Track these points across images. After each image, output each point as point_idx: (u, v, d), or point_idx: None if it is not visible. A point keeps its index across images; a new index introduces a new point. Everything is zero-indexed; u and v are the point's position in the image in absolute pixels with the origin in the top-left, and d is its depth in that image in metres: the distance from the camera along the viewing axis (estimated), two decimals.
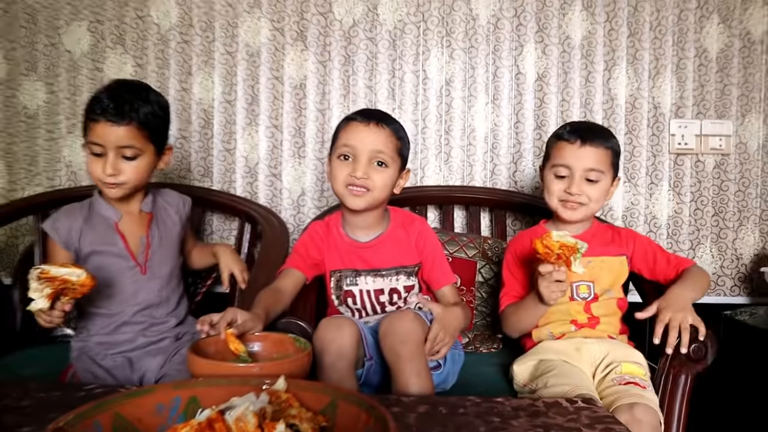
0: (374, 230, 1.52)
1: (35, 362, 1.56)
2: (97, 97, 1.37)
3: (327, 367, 1.24)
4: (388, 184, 1.46)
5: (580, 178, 1.48)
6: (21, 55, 2.05)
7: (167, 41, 2.04)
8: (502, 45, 2.04)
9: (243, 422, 0.61)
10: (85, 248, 1.44)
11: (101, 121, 1.35)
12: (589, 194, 1.49)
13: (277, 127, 2.05)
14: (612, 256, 1.54)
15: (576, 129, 1.52)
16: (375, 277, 1.50)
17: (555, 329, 1.50)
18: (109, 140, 1.36)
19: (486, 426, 0.85)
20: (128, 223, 1.48)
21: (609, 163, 1.50)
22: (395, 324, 1.27)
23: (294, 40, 2.04)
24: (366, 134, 1.43)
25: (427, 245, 1.53)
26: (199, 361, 0.93)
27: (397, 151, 1.46)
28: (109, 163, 1.37)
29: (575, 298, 1.51)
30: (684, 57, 2.03)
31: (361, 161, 1.42)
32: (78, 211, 1.48)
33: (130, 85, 1.44)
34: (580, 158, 1.48)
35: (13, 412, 0.86)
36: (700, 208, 2.06)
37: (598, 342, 1.45)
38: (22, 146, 2.07)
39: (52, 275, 1.20)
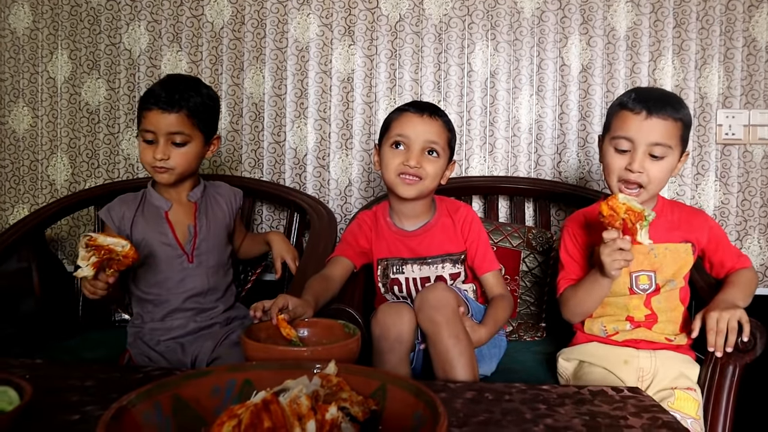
0: (421, 219, 1.55)
1: (96, 346, 1.63)
2: (151, 90, 1.45)
3: (385, 351, 1.27)
4: (439, 173, 1.48)
5: (644, 154, 1.32)
6: (84, 55, 2.16)
7: (220, 38, 2.11)
8: (546, 37, 2.05)
9: (297, 404, 0.61)
10: (136, 236, 1.50)
11: (154, 109, 1.43)
12: (652, 173, 1.33)
13: (325, 119, 2.11)
14: (676, 243, 1.40)
15: (642, 97, 1.34)
16: (421, 265, 1.52)
17: (608, 324, 1.41)
18: (160, 127, 1.43)
19: (532, 413, 0.85)
20: (177, 212, 1.54)
21: (678, 136, 1.34)
22: (428, 295, 1.30)
23: (342, 35, 2.09)
24: (420, 124, 1.46)
25: (472, 232, 1.55)
26: (253, 345, 0.95)
27: (447, 143, 1.49)
28: (160, 149, 1.44)
29: (635, 290, 1.40)
30: (732, 47, 2.01)
31: (415, 150, 1.45)
32: (132, 201, 1.55)
33: (182, 78, 1.53)
34: (644, 131, 1.32)
35: (78, 392, 0.89)
36: (747, 198, 2.03)
37: (650, 355, 1.36)
38: (84, 141, 2.17)
39: (99, 243, 1.24)
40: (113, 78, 2.15)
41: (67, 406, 0.83)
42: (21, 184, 2.19)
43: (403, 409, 0.67)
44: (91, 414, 0.80)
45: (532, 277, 1.79)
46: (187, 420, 0.65)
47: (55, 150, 2.18)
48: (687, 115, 1.37)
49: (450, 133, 1.51)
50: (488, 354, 1.46)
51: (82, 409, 0.82)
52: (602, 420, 0.83)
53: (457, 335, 1.26)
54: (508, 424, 0.81)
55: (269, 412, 0.59)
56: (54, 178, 2.18)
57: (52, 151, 2.18)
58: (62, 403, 0.84)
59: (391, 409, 0.69)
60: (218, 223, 1.59)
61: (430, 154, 1.46)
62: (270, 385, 0.68)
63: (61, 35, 2.16)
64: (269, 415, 0.58)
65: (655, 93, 1.39)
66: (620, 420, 0.83)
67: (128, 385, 0.92)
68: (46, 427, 0.76)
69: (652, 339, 1.38)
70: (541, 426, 0.81)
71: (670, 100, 1.36)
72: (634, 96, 1.36)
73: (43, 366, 1.01)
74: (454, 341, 1.25)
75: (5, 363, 1.04)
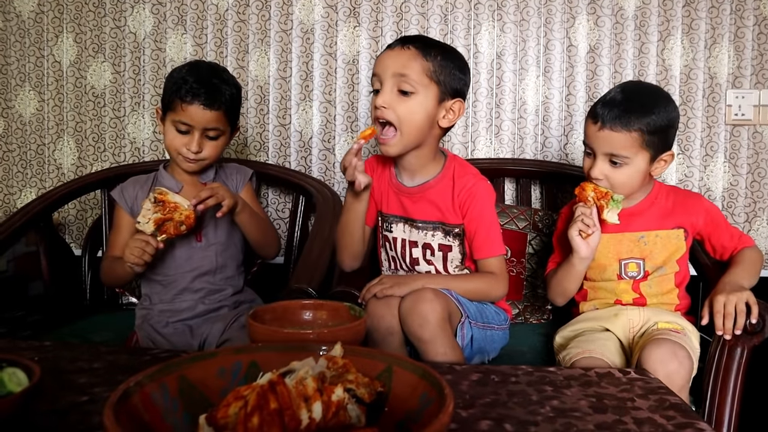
0: (421, 175, 1.41)
1: (103, 328, 1.64)
2: (185, 79, 1.44)
3: (378, 342, 1.24)
4: (418, 113, 1.29)
5: (603, 161, 1.35)
6: (89, 38, 2.15)
7: (225, 21, 2.10)
8: (553, 17, 2.03)
9: (303, 385, 0.61)
10: None
11: (194, 104, 1.43)
12: (613, 179, 1.35)
13: (330, 102, 2.10)
14: (668, 230, 1.42)
15: (607, 103, 1.35)
16: (411, 227, 1.42)
17: (601, 305, 1.46)
18: (199, 122, 1.45)
19: (538, 395, 0.85)
20: (187, 193, 1.52)
21: (638, 146, 1.32)
22: (413, 307, 1.21)
23: (347, 17, 2.07)
24: (388, 56, 1.30)
25: (473, 207, 1.37)
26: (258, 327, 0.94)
27: (426, 74, 1.28)
28: (195, 142, 1.46)
29: (623, 276, 1.43)
30: (742, 25, 1.98)
31: (385, 88, 1.28)
32: (144, 182, 1.57)
33: (215, 70, 1.52)
34: (599, 141, 1.34)
35: (86, 374, 0.90)
36: (757, 180, 2.01)
37: (640, 309, 1.39)
38: (90, 124, 2.17)
39: (168, 199, 1.28)
40: (118, 61, 2.15)
41: (75, 388, 0.84)
42: (28, 168, 2.20)
43: (410, 391, 0.67)
44: (99, 395, 0.81)
45: (538, 260, 1.78)
46: (194, 401, 0.66)
47: (61, 134, 2.18)
48: (654, 120, 1.32)
49: (431, 62, 1.28)
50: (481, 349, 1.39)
51: (90, 390, 0.83)
52: (609, 402, 0.83)
53: (444, 352, 1.20)
54: (514, 406, 0.81)
55: (275, 393, 0.59)
56: (61, 162, 2.19)
57: (59, 134, 2.18)
58: (70, 385, 0.85)
59: (397, 390, 0.68)
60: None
61: (403, 95, 1.28)
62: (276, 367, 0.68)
63: (66, 19, 2.15)
64: (275, 396, 0.58)
65: (623, 97, 1.35)
66: (627, 402, 0.83)
67: (135, 366, 0.93)
68: (54, 408, 0.77)
69: None
70: (547, 408, 0.81)
71: (633, 108, 1.32)
72: (604, 99, 1.37)
73: (51, 348, 1.02)
74: (441, 358, 1.20)
75: (14, 345, 1.05)
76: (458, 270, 1.43)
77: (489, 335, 1.38)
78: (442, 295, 1.25)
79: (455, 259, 1.43)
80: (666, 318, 1.36)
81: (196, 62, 1.55)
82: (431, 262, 1.43)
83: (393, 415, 0.67)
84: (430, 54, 1.30)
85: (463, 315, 1.31)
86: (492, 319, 1.40)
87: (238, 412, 0.59)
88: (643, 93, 1.40)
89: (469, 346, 1.31)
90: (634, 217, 1.42)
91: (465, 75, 1.37)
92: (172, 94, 1.45)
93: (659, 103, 1.35)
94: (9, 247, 1.67)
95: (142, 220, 1.29)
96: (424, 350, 1.22)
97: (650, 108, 1.33)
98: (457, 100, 1.35)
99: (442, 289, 1.28)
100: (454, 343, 1.25)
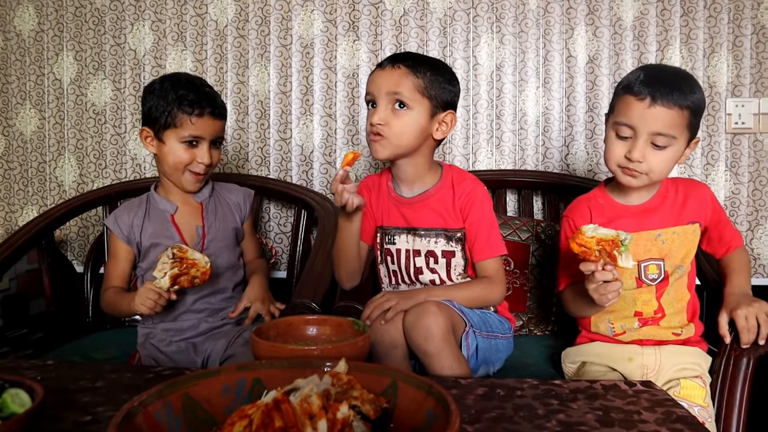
0: (420, 186, 1.44)
1: (106, 345, 1.62)
2: (183, 94, 1.44)
3: (381, 356, 1.23)
4: (411, 128, 1.34)
5: (645, 143, 1.25)
6: (90, 56, 2.16)
7: (225, 36, 2.11)
8: (552, 29, 2.04)
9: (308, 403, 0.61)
10: (145, 242, 1.51)
11: (204, 115, 1.45)
12: (653, 163, 1.26)
13: (331, 116, 2.10)
14: (684, 225, 1.34)
15: (650, 79, 1.25)
16: (414, 236, 1.43)
17: (616, 322, 1.37)
18: (210, 132, 1.47)
19: (544, 408, 0.84)
20: (183, 214, 1.54)
21: (684, 125, 1.25)
22: (417, 320, 1.21)
23: (346, 31, 2.08)
24: (380, 77, 1.36)
25: (473, 210, 1.39)
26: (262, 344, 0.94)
27: (418, 90, 1.33)
28: (206, 153, 1.48)
29: (644, 280, 1.34)
30: (740, 34, 1.99)
31: (380, 106, 1.34)
32: (137, 206, 1.55)
33: (198, 79, 1.54)
34: (647, 120, 1.23)
35: (89, 393, 0.89)
36: (758, 188, 2.01)
37: (655, 351, 1.33)
38: (91, 141, 2.18)
39: (187, 256, 1.27)
40: (119, 78, 2.15)
41: (78, 407, 0.83)
42: (29, 185, 2.20)
43: (415, 407, 0.66)
44: (103, 415, 0.80)
45: (542, 270, 1.78)
46: (198, 420, 0.65)
47: (62, 151, 2.18)
48: (698, 100, 1.26)
49: (421, 79, 1.33)
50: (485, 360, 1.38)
51: (93, 410, 0.83)
52: (615, 415, 0.82)
53: (450, 365, 1.20)
54: (520, 420, 0.80)
55: (280, 411, 0.59)
56: (62, 180, 2.19)
57: (60, 152, 2.19)
58: (73, 405, 0.84)
59: (402, 406, 0.68)
60: (227, 223, 1.58)
61: (401, 107, 1.33)
62: (280, 384, 0.68)
63: (66, 36, 2.16)
64: (280, 414, 0.58)
65: (665, 75, 1.28)
66: (634, 415, 0.82)
67: (139, 385, 0.92)
68: (58, 428, 0.76)
69: (660, 337, 1.35)
70: (553, 422, 0.80)
71: (680, 84, 1.25)
72: (641, 77, 1.26)
73: (53, 367, 1.01)
74: (448, 371, 1.19)
75: (17, 365, 1.05)
76: (461, 278, 1.43)
77: (494, 344, 1.37)
78: (446, 308, 1.25)
79: (458, 266, 1.43)
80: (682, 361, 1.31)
81: (177, 75, 1.53)
82: (435, 271, 1.43)
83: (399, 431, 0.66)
84: (419, 71, 1.35)
85: (467, 325, 1.30)
86: (496, 328, 1.39)
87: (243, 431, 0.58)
88: (679, 72, 1.34)
89: (474, 356, 1.30)
90: (649, 214, 1.35)
91: (455, 87, 1.41)
92: (172, 110, 1.44)
93: (696, 83, 1.30)
94: (11, 265, 1.67)
95: (158, 274, 1.27)
96: (429, 364, 1.21)
97: (694, 87, 1.27)
98: (449, 112, 1.39)
99: (444, 300, 1.28)
100: (459, 355, 1.24)
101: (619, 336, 1.37)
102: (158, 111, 1.45)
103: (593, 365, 1.37)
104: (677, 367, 1.30)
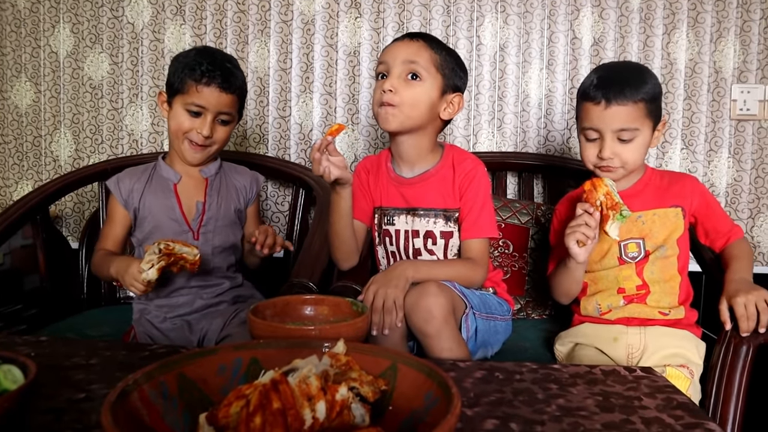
0: (420, 166, 1.44)
1: (100, 322, 1.61)
2: (199, 61, 1.42)
3: (379, 337, 1.22)
4: (422, 100, 1.35)
5: (612, 140, 1.34)
6: (86, 29, 2.12)
7: (224, 11, 2.07)
8: (557, 9, 2.00)
9: (306, 384, 0.60)
10: (143, 209, 1.49)
11: (211, 86, 1.42)
12: (625, 156, 1.35)
13: (330, 94, 2.07)
14: (665, 208, 1.40)
15: (601, 83, 1.34)
16: (413, 217, 1.42)
17: (602, 301, 1.41)
18: (214, 104, 1.43)
19: (544, 393, 0.83)
20: (186, 186, 1.51)
21: (644, 115, 1.34)
22: (418, 301, 1.21)
23: (348, 8, 2.05)
24: (397, 48, 1.37)
25: (470, 189, 1.40)
26: (259, 323, 0.93)
27: (433, 64, 1.35)
28: (207, 125, 1.44)
29: (624, 258, 1.39)
30: (749, 19, 1.96)
31: (393, 74, 1.34)
32: (141, 173, 1.53)
33: (225, 55, 1.50)
34: (607, 120, 1.33)
35: (83, 370, 0.88)
36: (761, 176, 2.00)
37: (640, 331, 1.35)
38: (87, 116, 2.15)
39: (175, 252, 1.24)
40: (116, 52, 2.12)
41: (72, 385, 0.82)
42: (24, 160, 2.17)
43: (414, 390, 0.65)
44: (97, 392, 0.79)
45: (540, 255, 1.77)
46: (194, 400, 0.64)
47: (58, 125, 2.16)
48: (650, 89, 1.34)
49: (437, 54, 1.36)
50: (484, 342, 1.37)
51: (87, 387, 0.81)
52: (616, 401, 0.81)
53: (450, 347, 1.20)
54: (520, 405, 0.79)
55: (278, 392, 0.57)
56: (57, 154, 2.16)
57: (56, 126, 2.16)
58: (67, 382, 0.83)
59: (401, 389, 0.67)
60: (230, 203, 1.56)
61: (413, 78, 1.34)
62: (277, 364, 0.66)
63: (62, 8, 2.12)
64: (278, 395, 0.57)
65: (614, 74, 1.38)
66: (634, 401, 0.82)
67: (133, 363, 0.91)
68: (51, 406, 0.75)
69: (646, 315, 1.37)
70: (553, 406, 0.79)
71: (629, 80, 1.34)
72: (594, 82, 1.35)
73: (47, 343, 1.00)
74: (447, 354, 1.19)
75: (10, 341, 1.03)
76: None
77: (492, 326, 1.38)
78: (447, 289, 1.24)
79: (455, 246, 1.42)
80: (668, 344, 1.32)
81: (205, 47, 1.52)
82: (433, 252, 1.43)
83: (397, 414, 0.65)
84: (436, 48, 1.38)
85: (467, 306, 1.30)
86: (495, 310, 1.40)
87: (240, 412, 0.57)
88: (628, 68, 1.45)
89: (473, 338, 1.30)
90: (630, 198, 1.37)
91: (464, 74, 1.44)
92: (184, 75, 1.42)
93: (646, 73, 1.39)
94: (5, 241, 1.65)
95: (145, 266, 1.24)
96: (428, 345, 1.21)
97: (644, 78, 1.36)
98: (457, 94, 1.41)
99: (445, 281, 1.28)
100: (459, 337, 1.24)
101: (606, 315, 1.40)
102: (174, 76, 1.45)
103: (583, 348, 1.39)
104: (664, 353, 1.31)
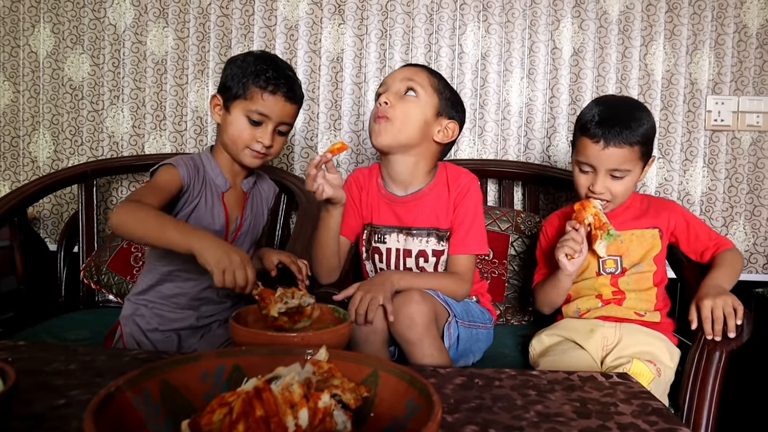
0: (412, 185, 1.44)
1: (79, 326, 1.60)
2: (264, 68, 1.36)
3: (361, 342, 1.23)
4: (416, 116, 1.37)
5: (605, 176, 1.40)
6: (67, 29, 2.11)
7: (208, 15, 2.07)
8: (538, 20, 2.03)
9: (289, 392, 0.60)
10: (191, 203, 1.39)
11: (277, 94, 1.36)
12: (615, 191, 1.41)
13: (313, 99, 2.08)
14: (643, 229, 1.47)
15: (602, 121, 1.38)
16: (406, 236, 1.43)
17: (582, 305, 1.47)
18: (278, 114, 1.38)
19: (523, 399, 0.84)
20: (231, 196, 1.45)
21: (637, 158, 1.40)
22: (401, 309, 1.21)
23: (332, 14, 2.06)
24: (399, 70, 1.44)
25: (462, 204, 1.42)
26: (241, 330, 0.93)
27: (430, 84, 1.40)
28: (268, 135, 1.37)
29: (601, 272, 1.47)
30: (723, 33, 2.01)
31: (391, 91, 1.38)
32: (195, 170, 1.41)
33: (286, 63, 1.44)
34: (603, 159, 1.38)
35: (62, 375, 0.86)
36: (734, 185, 2.04)
37: (616, 326, 1.40)
38: (67, 117, 2.13)
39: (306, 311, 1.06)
40: (97, 53, 2.11)
41: (52, 390, 0.81)
42: (2, 160, 2.15)
43: (396, 397, 0.66)
44: (77, 398, 0.79)
45: (520, 261, 1.79)
46: (176, 406, 0.64)
47: (37, 126, 2.13)
48: (646, 131, 1.39)
49: (435, 79, 1.42)
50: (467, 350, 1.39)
51: (67, 393, 0.81)
52: (592, 407, 0.83)
53: (431, 354, 1.20)
54: (499, 411, 0.80)
55: (261, 400, 0.58)
56: (36, 155, 2.14)
57: (34, 127, 2.13)
58: (46, 387, 0.82)
59: (383, 396, 0.67)
60: (258, 220, 1.52)
61: (410, 95, 1.39)
62: (260, 371, 0.66)
63: (43, 8, 2.10)
64: (261, 403, 0.57)
65: (615, 113, 1.40)
66: (610, 407, 0.83)
67: (115, 368, 0.91)
68: (30, 412, 0.74)
69: (622, 315, 1.43)
70: (532, 412, 0.80)
71: (629, 122, 1.37)
72: (595, 119, 1.38)
73: (25, 348, 0.99)
74: (428, 360, 1.20)
75: None
76: None
77: (474, 334, 1.39)
78: (429, 297, 1.25)
79: (445, 262, 1.44)
80: (640, 341, 1.36)
81: (263, 52, 1.45)
82: (424, 269, 1.44)
83: (379, 421, 0.66)
84: (435, 74, 1.44)
85: (450, 315, 1.31)
86: (477, 318, 1.41)
87: (223, 419, 0.57)
88: (629, 106, 1.46)
89: (455, 346, 1.31)
90: (611, 219, 1.43)
91: (461, 109, 1.48)
92: (247, 81, 1.36)
93: (643, 113, 1.42)
94: None
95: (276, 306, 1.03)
96: (410, 352, 1.21)
97: (641, 120, 1.40)
98: (453, 121, 1.43)
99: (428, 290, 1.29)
100: (440, 345, 1.25)
101: (585, 315, 1.47)
102: (234, 80, 1.38)
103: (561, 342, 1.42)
104: (635, 348, 1.34)
